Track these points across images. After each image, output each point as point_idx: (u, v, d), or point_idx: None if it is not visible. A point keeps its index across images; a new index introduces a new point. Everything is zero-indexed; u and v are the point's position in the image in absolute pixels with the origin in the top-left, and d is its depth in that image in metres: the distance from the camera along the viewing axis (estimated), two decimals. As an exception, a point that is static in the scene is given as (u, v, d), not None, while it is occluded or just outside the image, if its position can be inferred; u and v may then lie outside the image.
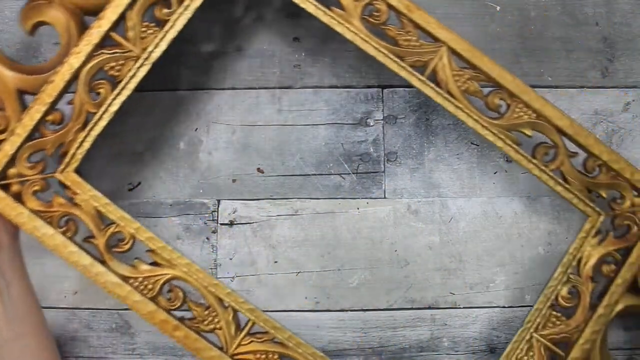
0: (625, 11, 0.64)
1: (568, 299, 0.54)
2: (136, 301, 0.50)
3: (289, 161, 0.63)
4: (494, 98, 0.53)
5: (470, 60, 0.52)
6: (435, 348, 0.62)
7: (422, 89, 0.52)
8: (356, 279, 0.62)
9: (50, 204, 0.50)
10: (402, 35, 0.51)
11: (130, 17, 0.50)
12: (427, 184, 0.63)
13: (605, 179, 0.54)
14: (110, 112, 0.51)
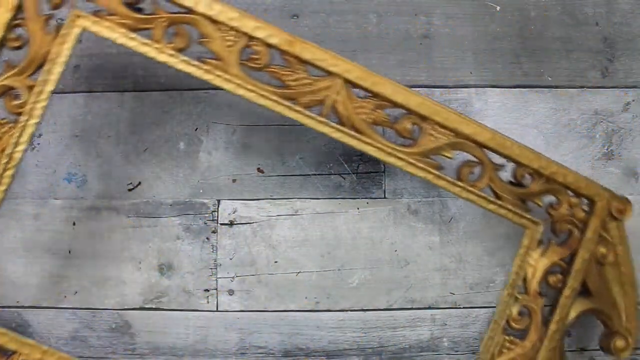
0: (625, 11, 0.64)
1: (519, 320, 0.52)
2: None
3: (289, 161, 0.63)
4: (405, 124, 0.49)
5: (371, 89, 0.48)
6: (435, 348, 0.62)
7: (321, 129, 0.48)
8: (356, 279, 0.63)
9: None
10: (290, 75, 0.47)
11: None
12: (427, 184, 0.63)
13: (538, 186, 0.51)
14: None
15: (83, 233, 0.62)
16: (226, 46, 0.46)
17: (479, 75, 0.63)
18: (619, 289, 0.53)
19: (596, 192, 0.51)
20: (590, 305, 0.53)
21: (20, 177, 0.62)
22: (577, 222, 0.52)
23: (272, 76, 0.47)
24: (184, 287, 0.62)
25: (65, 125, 0.63)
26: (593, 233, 0.51)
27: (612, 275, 0.53)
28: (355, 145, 0.48)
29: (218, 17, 0.46)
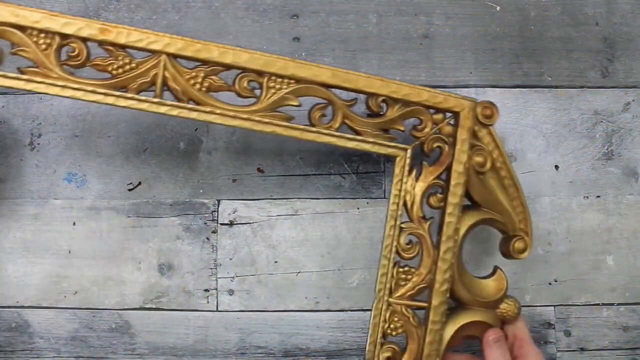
0: (625, 11, 0.64)
1: (409, 249, 0.51)
2: None
3: (289, 161, 0.63)
4: (241, 83, 0.48)
5: (196, 57, 0.46)
6: (435, 348, 0.62)
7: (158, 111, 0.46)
8: (356, 279, 0.62)
9: None
10: (113, 64, 0.46)
11: None
12: (427, 184, 0.63)
13: (396, 112, 0.50)
14: None
15: (83, 233, 0.62)
16: (41, 50, 0.45)
17: (479, 75, 0.63)
18: (504, 194, 0.52)
19: (457, 104, 0.50)
20: (480, 216, 0.52)
21: (20, 177, 0.62)
22: (445, 138, 0.50)
23: (98, 70, 0.46)
24: (184, 287, 0.62)
25: (65, 125, 0.63)
26: (462, 144, 0.50)
27: (494, 181, 0.52)
28: (196, 118, 0.47)
29: (23, 22, 0.44)
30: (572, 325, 0.62)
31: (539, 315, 0.62)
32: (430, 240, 0.51)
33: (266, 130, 0.48)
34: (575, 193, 0.63)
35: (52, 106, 0.63)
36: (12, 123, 0.63)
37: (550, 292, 0.62)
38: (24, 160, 0.62)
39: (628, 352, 0.62)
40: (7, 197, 0.62)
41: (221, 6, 0.64)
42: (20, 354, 0.62)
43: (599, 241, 0.63)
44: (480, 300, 0.52)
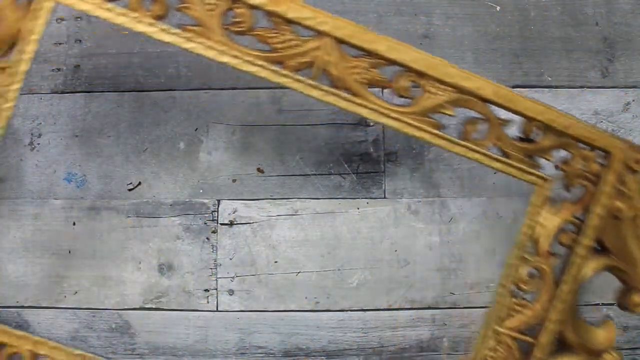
0: (625, 11, 0.64)
1: (529, 282, 0.48)
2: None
3: (289, 161, 0.63)
4: (401, 82, 0.45)
5: (363, 46, 0.44)
6: (435, 348, 0.62)
7: (311, 94, 0.45)
8: (356, 279, 0.62)
9: None
10: (276, 37, 0.43)
11: None
12: (427, 184, 0.63)
13: (549, 141, 0.47)
14: None
15: (83, 233, 0.62)
16: (207, 10, 0.43)
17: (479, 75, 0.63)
18: (637, 244, 0.49)
19: (611, 144, 0.47)
20: (606, 262, 0.49)
21: (20, 177, 0.62)
22: (591, 177, 0.48)
23: (258, 40, 0.44)
24: (184, 287, 0.62)
25: (65, 125, 0.63)
26: (609, 187, 0.47)
27: (630, 230, 0.49)
28: (347, 108, 0.45)
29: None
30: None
31: (539, 315, 0.62)
32: (553, 277, 0.49)
33: (414, 134, 0.46)
34: (575, 193, 0.63)
35: (52, 106, 0.63)
36: (12, 123, 0.63)
37: (550, 292, 0.62)
38: (24, 160, 0.62)
39: (628, 352, 0.62)
40: (7, 197, 0.62)
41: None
42: (20, 354, 0.62)
43: (599, 241, 0.63)
44: (586, 347, 0.50)
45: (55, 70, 0.63)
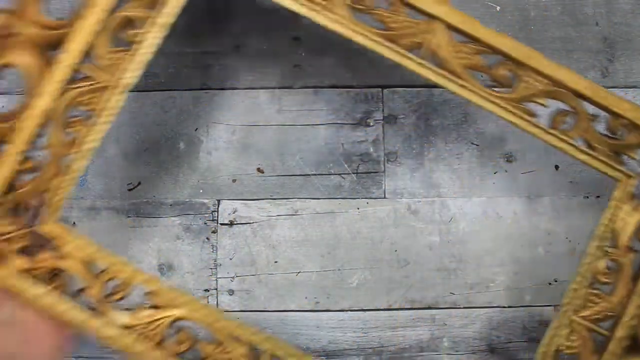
0: (625, 11, 0.64)
1: (607, 275, 0.50)
2: (141, 351, 0.47)
3: (289, 161, 0.63)
4: (501, 70, 0.49)
5: (470, 33, 0.48)
6: (435, 348, 0.62)
7: (419, 71, 0.49)
8: (356, 279, 0.63)
9: (36, 259, 0.46)
10: (392, 17, 0.48)
11: (97, 44, 0.45)
12: (427, 184, 0.63)
13: (634, 138, 0.49)
14: (86, 150, 0.46)
15: (83, 233, 0.62)
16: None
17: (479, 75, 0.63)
18: None
19: None
20: None
21: (20, 177, 0.62)
22: None
23: (376, 19, 0.48)
24: (184, 287, 0.62)
25: (65, 125, 0.63)
26: None
27: None
28: (450, 87, 0.49)
29: None
30: (572, 325, 0.62)
31: (539, 315, 0.62)
32: (631, 271, 0.50)
33: (509, 119, 0.49)
34: (575, 193, 0.63)
35: (52, 106, 0.63)
36: (12, 123, 0.63)
37: (550, 292, 0.62)
38: (24, 160, 0.62)
39: (628, 352, 0.62)
40: (7, 197, 0.62)
41: (222, 6, 0.64)
42: (20, 354, 0.62)
43: (599, 241, 0.63)
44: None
45: (55, 70, 0.63)
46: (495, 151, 0.63)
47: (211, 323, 0.48)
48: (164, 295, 0.48)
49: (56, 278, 0.47)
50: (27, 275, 0.46)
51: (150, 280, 0.48)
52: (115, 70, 0.46)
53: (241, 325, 0.48)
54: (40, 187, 0.46)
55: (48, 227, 0.47)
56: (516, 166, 0.63)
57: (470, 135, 0.63)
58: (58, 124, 0.46)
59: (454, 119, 0.63)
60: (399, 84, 0.63)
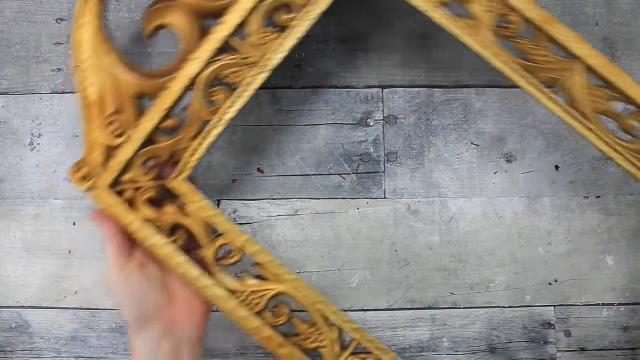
0: (625, 11, 0.64)
1: None
2: (242, 317, 0.49)
3: (289, 161, 0.63)
4: (631, 120, 0.50)
5: (609, 78, 0.49)
6: (435, 348, 0.62)
7: (549, 105, 0.49)
8: (356, 279, 0.63)
9: (161, 211, 0.49)
10: (535, 49, 0.49)
11: (252, 21, 0.47)
12: (427, 184, 0.63)
13: None
14: (225, 119, 0.49)
15: (83, 233, 0.62)
16: (484, 10, 0.48)
17: (479, 75, 0.63)
18: None
19: None
20: None
21: (20, 177, 0.62)
22: None
23: (517, 47, 0.49)
24: (184, 287, 0.62)
25: (65, 125, 0.63)
26: None
27: None
28: (576, 127, 0.49)
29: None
30: (572, 325, 0.62)
31: (539, 315, 0.62)
32: None
33: (629, 170, 0.50)
34: (575, 193, 0.63)
35: (52, 106, 0.63)
36: (12, 123, 0.63)
37: (550, 292, 0.62)
38: (24, 160, 0.63)
39: (628, 352, 0.62)
40: (7, 197, 0.62)
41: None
42: (20, 354, 0.62)
43: (599, 241, 0.63)
44: None
45: (55, 70, 0.63)
46: (495, 151, 0.63)
47: (310, 304, 0.50)
48: (271, 269, 0.50)
49: (175, 232, 0.50)
50: (151, 225, 0.49)
51: (261, 252, 0.50)
52: (264, 50, 0.48)
53: (336, 312, 0.51)
54: (178, 145, 0.49)
55: (177, 184, 0.50)
56: (516, 166, 0.63)
57: (470, 135, 0.63)
58: (202, 89, 0.48)
59: (454, 119, 0.63)
60: (399, 84, 0.63)
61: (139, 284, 0.49)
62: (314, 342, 0.51)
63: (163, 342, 0.49)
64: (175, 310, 0.50)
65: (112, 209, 0.49)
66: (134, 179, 0.49)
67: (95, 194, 0.49)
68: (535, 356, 0.62)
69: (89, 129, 0.49)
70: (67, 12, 0.63)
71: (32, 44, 0.63)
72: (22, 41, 0.63)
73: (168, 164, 0.50)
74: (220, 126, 0.49)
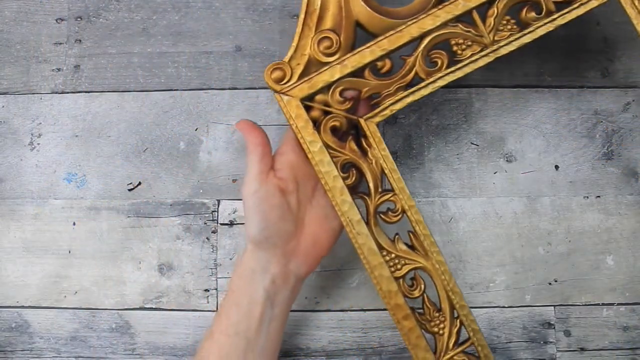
0: (625, 11, 0.64)
1: None
2: (383, 275, 0.50)
3: (289, 161, 0.63)
4: None
5: None
6: (435, 348, 0.62)
7: None
8: (356, 279, 0.62)
9: (344, 145, 0.49)
10: None
11: (497, 5, 0.49)
12: (427, 184, 0.63)
13: None
14: (436, 85, 0.49)
15: (83, 233, 0.62)
16: None
17: (479, 75, 0.63)
18: None
19: None
20: None
21: (20, 177, 0.62)
22: None
23: None
24: (184, 287, 0.62)
25: (65, 125, 0.63)
26: None
27: None
28: None
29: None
30: (572, 325, 0.62)
31: (539, 315, 0.62)
32: None
33: None
34: (575, 193, 0.63)
35: (52, 106, 0.63)
36: (12, 123, 0.63)
37: (550, 292, 0.62)
38: (24, 160, 0.63)
39: (628, 352, 0.62)
40: (7, 197, 0.62)
41: (221, 6, 0.64)
42: (20, 354, 0.62)
43: (599, 241, 0.63)
44: None
45: (55, 70, 0.63)
46: (495, 151, 0.63)
47: (444, 290, 0.50)
48: (424, 243, 0.51)
49: (348, 171, 0.50)
50: (327, 154, 0.49)
51: (421, 223, 0.51)
52: (499, 37, 0.49)
53: (465, 307, 0.51)
54: (384, 89, 0.50)
55: (370, 125, 0.50)
56: (516, 166, 0.63)
57: (470, 135, 0.63)
58: (427, 47, 0.49)
59: (454, 119, 0.63)
60: (399, 84, 0.63)
61: (273, 208, 0.48)
62: (435, 327, 0.51)
63: (273, 267, 0.49)
64: (298, 245, 0.50)
65: (297, 120, 0.48)
66: (328, 102, 0.49)
67: (287, 100, 0.48)
68: (535, 356, 0.62)
69: (302, 35, 0.49)
70: (67, 12, 0.63)
71: (32, 44, 0.63)
72: (22, 41, 0.63)
73: (364, 103, 0.51)
74: (429, 88, 0.49)
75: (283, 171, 0.50)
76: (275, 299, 0.49)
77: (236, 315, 0.48)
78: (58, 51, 0.63)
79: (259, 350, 0.48)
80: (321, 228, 0.51)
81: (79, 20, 0.63)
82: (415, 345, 0.50)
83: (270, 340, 0.49)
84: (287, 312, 0.52)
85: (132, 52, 0.63)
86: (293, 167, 0.50)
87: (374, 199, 0.50)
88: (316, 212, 0.51)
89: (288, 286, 0.50)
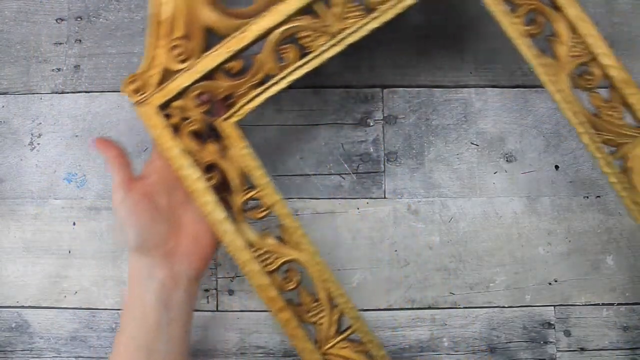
0: (625, 11, 0.64)
1: None
2: (253, 270, 0.50)
3: (289, 161, 0.63)
4: None
5: None
6: (435, 348, 0.62)
7: (604, 169, 0.49)
8: (356, 279, 0.62)
9: (203, 147, 0.50)
10: (606, 109, 0.49)
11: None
12: (427, 184, 0.63)
13: None
14: (289, 79, 0.49)
15: (83, 233, 0.62)
16: (569, 55, 0.49)
17: (479, 75, 0.63)
18: None
19: None
20: None
21: (20, 177, 0.62)
22: None
23: (591, 100, 0.49)
24: (184, 287, 0.62)
25: (65, 125, 0.63)
26: None
27: None
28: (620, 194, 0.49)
29: (578, 26, 0.48)
30: (572, 325, 0.62)
31: (539, 315, 0.62)
32: None
33: None
34: (575, 193, 0.63)
35: (52, 106, 0.63)
36: (12, 123, 0.63)
37: (550, 292, 0.62)
38: (24, 160, 0.63)
39: (628, 352, 0.62)
40: (7, 197, 0.62)
41: (221, 6, 0.64)
42: (20, 354, 0.62)
43: (599, 241, 0.63)
44: None
45: (55, 70, 0.63)
46: (495, 151, 0.63)
47: (320, 280, 0.51)
48: (293, 235, 0.51)
49: (210, 172, 0.50)
50: (189, 157, 0.49)
51: (288, 216, 0.51)
52: (345, 24, 0.48)
53: (343, 295, 0.51)
54: (237, 89, 0.49)
55: (226, 126, 0.50)
56: (516, 166, 0.63)
57: (470, 135, 0.63)
58: (275, 43, 0.49)
59: (454, 119, 0.63)
60: (399, 84, 0.63)
61: (143, 212, 0.49)
62: (313, 317, 0.51)
63: (158, 270, 0.49)
64: (179, 244, 0.51)
65: (156, 129, 0.49)
66: (184, 107, 0.49)
67: (144, 109, 0.49)
68: (535, 356, 0.62)
69: (153, 46, 0.49)
70: (67, 12, 0.63)
71: (32, 44, 0.63)
72: (22, 41, 0.63)
73: (221, 104, 0.51)
74: (282, 84, 0.49)
75: (151, 177, 0.51)
76: (170, 302, 0.49)
77: (133, 328, 0.49)
78: (58, 51, 0.63)
79: (162, 357, 0.49)
80: (201, 227, 0.51)
81: (79, 20, 0.63)
82: (294, 336, 0.50)
83: (173, 344, 0.49)
84: (188, 313, 0.51)
85: (132, 52, 0.63)
86: (161, 172, 0.51)
87: (238, 198, 0.50)
88: (194, 212, 0.52)
89: (180, 287, 0.50)
